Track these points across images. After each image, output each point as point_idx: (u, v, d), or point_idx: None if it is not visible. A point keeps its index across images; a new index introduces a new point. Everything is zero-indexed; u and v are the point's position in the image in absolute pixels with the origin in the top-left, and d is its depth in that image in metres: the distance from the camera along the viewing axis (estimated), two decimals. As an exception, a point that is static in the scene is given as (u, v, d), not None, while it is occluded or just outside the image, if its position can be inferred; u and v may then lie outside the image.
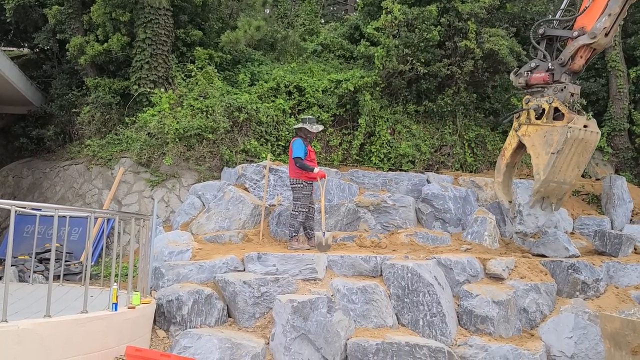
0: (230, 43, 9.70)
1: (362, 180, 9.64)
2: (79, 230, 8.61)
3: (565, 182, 8.00)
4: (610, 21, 7.61)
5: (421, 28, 10.27)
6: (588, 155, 7.99)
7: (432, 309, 6.64)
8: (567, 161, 7.80)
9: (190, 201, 8.82)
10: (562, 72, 7.97)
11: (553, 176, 7.85)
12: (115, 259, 6.01)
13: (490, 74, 10.85)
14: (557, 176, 7.88)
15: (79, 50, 10.29)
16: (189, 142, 9.33)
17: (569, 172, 7.92)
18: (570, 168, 7.89)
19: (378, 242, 8.18)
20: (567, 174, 7.92)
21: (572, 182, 8.10)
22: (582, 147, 7.80)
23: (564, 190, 8.17)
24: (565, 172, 7.88)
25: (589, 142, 7.82)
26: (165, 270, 6.77)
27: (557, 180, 7.91)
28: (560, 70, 7.96)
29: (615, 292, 7.88)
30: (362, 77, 10.34)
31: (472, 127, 11.21)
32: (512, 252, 8.53)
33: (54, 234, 4.85)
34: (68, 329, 4.52)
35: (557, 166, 7.76)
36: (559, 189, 8.08)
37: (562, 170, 7.85)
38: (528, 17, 12.63)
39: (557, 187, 8.03)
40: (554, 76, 7.95)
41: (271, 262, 6.91)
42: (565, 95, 7.86)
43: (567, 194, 8.29)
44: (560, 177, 7.91)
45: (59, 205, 8.83)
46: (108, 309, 5.10)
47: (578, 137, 7.68)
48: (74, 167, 10.28)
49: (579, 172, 8.13)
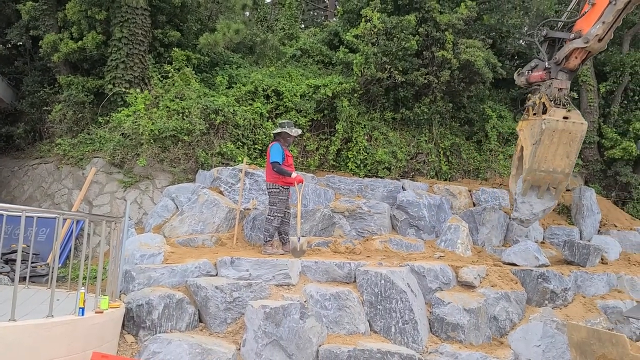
0: (209, 45, 9.62)
1: (338, 185, 9.66)
2: (46, 231, 8.40)
3: (556, 172, 8.37)
4: (604, 29, 7.96)
5: (400, 37, 10.38)
6: (576, 144, 8.29)
7: (404, 316, 6.67)
8: (552, 151, 8.23)
9: (164, 203, 8.70)
10: (557, 70, 8.41)
11: (538, 165, 8.32)
12: (84, 262, 5.88)
13: (466, 84, 11.01)
14: (542, 165, 8.32)
15: (53, 48, 10.09)
16: (163, 143, 9.21)
17: (558, 162, 8.30)
18: (557, 157, 8.28)
19: (352, 248, 8.19)
20: (555, 163, 8.31)
21: (565, 171, 8.41)
22: (566, 137, 8.18)
23: (558, 179, 8.49)
24: (552, 161, 8.29)
25: (572, 132, 8.17)
26: (135, 274, 6.65)
27: (544, 169, 8.34)
28: (556, 68, 8.41)
29: (582, 301, 8.04)
30: (341, 83, 10.38)
31: (447, 135, 11.34)
32: (483, 260, 8.63)
33: (21, 235, 4.72)
34: (33, 333, 4.39)
35: (540, 156, 8.24)
36: (551, 177, 8.44)
37: (547, 160, 8.29)
38: (504, 29, 12.88)
39: (547, 176, 8.42)
40: (550, 74, 8.45)
41: (244, 267, 6.85)
42: (553, 90, 8.36)
43: (562, 182, 8.55)
44: (548, 166, 8.33)
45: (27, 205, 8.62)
46: (75, 314, 4.97)
47: (557, 128, 8.12)
48: (44, 166, 10.05)
49: (570, 162, 8.39)
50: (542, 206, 8.76)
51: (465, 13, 10.71)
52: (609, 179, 12.03)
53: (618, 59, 11.78)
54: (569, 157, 8.36)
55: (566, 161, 8.37)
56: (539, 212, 8.82)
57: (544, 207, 8.79)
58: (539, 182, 8.55)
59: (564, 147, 8.26)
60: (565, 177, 8.55)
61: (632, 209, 11.99)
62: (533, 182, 8.55)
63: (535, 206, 8.76)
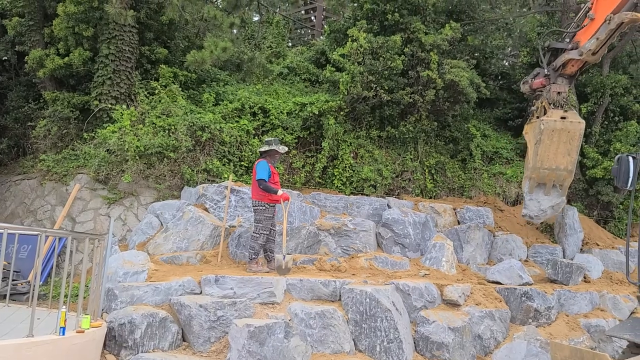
0: (196, 62, 9.65)
1: (323, 203, 9.68)
2: (28, 248, 8.29)
3: (559, 169, 8.87)
4: (597, 45, 8.41)
5: (385, 57, 10.51)
6: (576, 142, 8.78)
7: (389, 335, 6.66)
8: (553, 150, 8.76)
9: (148, 220, 8.64)
10: (556, 76, 9.00)
11: (541, 164, 8.85)
12: (66, 280, 5.80)
13: (450, 103, 11.15)
14: (545, 163, 8.85)
15: (39, 63, 10.05)
16: (149, 160, 9.17)
17: (560, 159, 8.80)
18: (559, 155, 8.78)
19: (338, 265, 8.18)
20: (557, 161, 8.81)
21: (568, 167, 8.89)
22: (565, 136, 8.71)
23: (562, 176, 8.97)
24: (554, 159, 8.80)
25: (571, 131, 8.71)
26: (118, 292, 6.57)
27: (547, 167, 8.86)
28: (555, 74, 9.01)
29: (565, 320, 8.10)
30: (327, 101, 10.47)
31: (432, 154, 11.46)
32: (468, 278, 8.68)
33: (2, 252, 4.65)
34: (13, 353, 4.31)
35: (542, 155, 8.80)
36: (555, 175, 8.94)
37: (550, 158, 8.81)
38: (488, 50, 13.13)
39: (551, 174, 8.93)
40: (550, 80, 9.05)
41: (229, 285, 6.80)
42: (552, 94, 8.96)
43: (566, 179, 9.02)
44: (551, 164, 8.84)
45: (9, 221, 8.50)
46: (55, 333, 4.90)
47: (555, 128, 8.70)
48: (27, 182, 9.95)
49: (571, 159, 8.86)
50: (550, 202, 9.18)
51: (450, 34, 10.90)
52: (590, 198, 12.19)
53: (599, 80, 12.03)
54: (570, 155, 8.82)
55: (568, 158, 8.83)
56: (546, 208, 9.23)
57: (551, 204, 9.20)
58: (544, 179, 9.02)
59: (564, 145, 8.74)
60: (569, 174, 8.99)
61: (614, 227, 12.15)
62: (538, 179, 9.03)
63: (543, 203, 9.20)
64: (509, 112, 13.41)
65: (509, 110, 13.44)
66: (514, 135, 13.06)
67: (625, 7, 7.98)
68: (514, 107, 13.39)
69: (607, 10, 8.16)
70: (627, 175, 5.46)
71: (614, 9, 8.05)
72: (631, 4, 7.96)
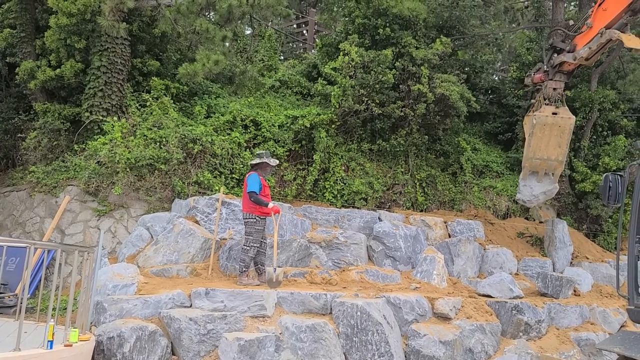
0: (188, 75, 9.66)
1: (315, 216, 9.67)
2: (16, 260, 8.19)
3: (550, 159, 9.49)
4: (589, 53, 8.81)
5: (377, 70, 10.60)
6: (566, 136, 9.38)
7: (380, 349, 6.64)
8: (545, 142, 9.34)
9: (138, 232, 8.58)
10: (554, 72, 9.45)
11: (533, 154, 9.47)
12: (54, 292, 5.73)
13: (441, 117, 11.24)
14: (537, 154, 9.46)
15: (30, 75, 10.01)
16: (140, 172, 9.14)
17: (551, 150, 9.41)
18: (550, 147, 9.38)
19: (329, 278, 8.16)
20: (549, 152, 9.42)
21: (559, 158, 9.49)
22: (556, 130, 9.31)
23: (553, 166, 9.59)
24: (545, 150, 9.41)
25: (561, 125, 9.31)
26: (107, 305, 6.51)
27: (539, 157, 9.48)
28: (553, 71, 9.45)
29: (556, 333, 8.11)
30: (319, 114, 10.51)
31: (423, 167, 11.51)
32: (459, 291, 8.68)
33: (-11, 265, 4.60)
34: (-3, 367, 4.25)
35: (534, 146, 9.41)
36: (546, 164, 9.56)
37: (541, 149, 9.42)
38: (478, 65, 13.27)
39: (542, 163, 9.54)
40: (548, 75, 9.52)
41: (219, 298, 6.76)
42: (548, 90, 9.46)
43: (557, 168, 9.66)
44: (543, 155, 9.46)
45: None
46: (43, 347, 4.83)
47: (547, 122, 9.28)
48: (16, 194, 9.86)
49: (562, 150, 9.45)
50: (542, 189, 9.76)
51: (441, 49, 11.02)
52: (580, 211, 12.29)
53: (587, 95, 12.19)
54: (561, 147, 9.41)
55: (558, 150, 9.43)
56: (538, 194, 9.81)
57: (543, 190, 9.77)
58: (536, 168, 9.62)
59: (555, 139, 9.33)
60: (560, 164, 9.62)
61: (603, 241, 12.24)
62: (531, 168, 9.66)
63: (535, 189, 9.79)
64: (499, 126, 13.54)
65: (499, 124, 13.57)
66: (504, 149, 13.17)
67: (616, 25, 8.27)
68: (503, 121, 13.52)
69: (602, 23, 8.45)
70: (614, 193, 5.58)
71: (607, 23, 8.34)
72: (621, 23, 8.23)
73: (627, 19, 8.19)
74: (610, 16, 8.32)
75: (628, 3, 7.95)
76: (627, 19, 8.20)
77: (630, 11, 8.09)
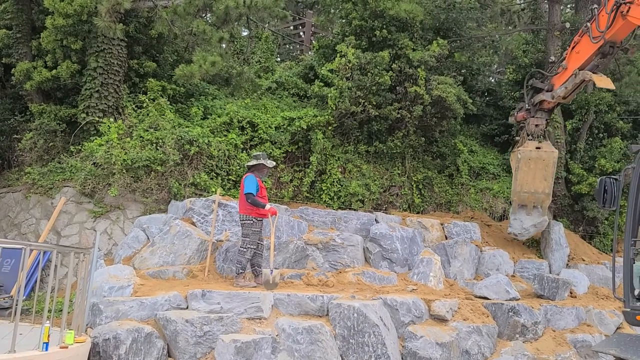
0: (185, 77, 9.64)
1: (311, 217, 9.66)
2: (11, 262, 8.14)
3: (537, 192, 9.85)
4: (566, 93, 9.33)
5: (373, 72, 10.61)
6: (551, 169, 9.83)
7: (377, 351, 6.63)
8: (531, 175, 9.77)
9: (135, 234, 8.56)
10: (535, 110, 10.00)
11: (521, 188, 9.87)
12: (50, 294, 5.71)
13: (438, 119, 11.25)
14: (525, 187, 9.85)
15: (26, 76, 9.98)
16: (136, 173, 9.12)
17: (538, 183, 9.80)
18: (537, 180, 9.79)
19: (325, 280, 8.16)
20: (535, 185, 9.80)
21: (546, 191, 9.86)
22: (540, 163, 9.76)
23: (540, 199, 9.94)
24: (532, 183, 9.80)
25: (545, 159, 9.77)
26: (103, 307, 6.49)
27: (527, 190, 9.86)
28: (534, 109, 10.01)
29: (552, 335, 8.12)
30: (315, 116, 10.51)
31: (420, 169, 11.52)
32: (456, 293, 8.69)
33: (-16, 267, 4.58)
34: (-8, 369, 4.23)
35: (521, 180, 9.84)
36: (534, 197, 9.91)
37: (528, 183, 9.82)
38: (474, 67, 13.30)
39: (530, 196, 9.90)
40: (530, 113, 10.06)
41: (216, 299, 6.74)
42: (530, 126, 10.01)
43: (545, 201, 9.99)
44: (530, 188, 9.84)
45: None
46: (38, 349, 4.81)
47: (531, 157, 9.75)
48: (11, 195, 9.82)
49: (548, 183, 9.84)
50: (532, 221, 10.10)
51: (437, 51, 11.04)
52: (576, 213, 12.31)
53: (583, 97, 12.23)
54: (547, 180, 9.81)
55: (545, 183, 9.82)
56: (529, 227, 10.15)
57: (533, 222, 10.11)
58: (525, 201, 9.97)
59: (540, 172, 9.74)
60: (547, 197, 9.94)
61: (599, 243, 12.27)
62: (519, 201, 10.03)
63: (525, 222, 10.13)
64: (496, 128, 13.57)
65: (495, 126, 13.60)
66: (500, 151, 13.20)
67: (588, 67, 8.89)
68: (500, 123, 13.55)
69: (575, 65, 9.07)
70: (610, 196, 5.64)
71: (580, 65, 8.94)
72: (593, 65, 8.85)
73: (597, 61, 8.77)
74: (582, 58, 8.93)
75: (598, 47, 8.51)
76: (597, 61, 8.79)
77: (601, 54, 8.66)
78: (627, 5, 7.69)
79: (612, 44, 8.47)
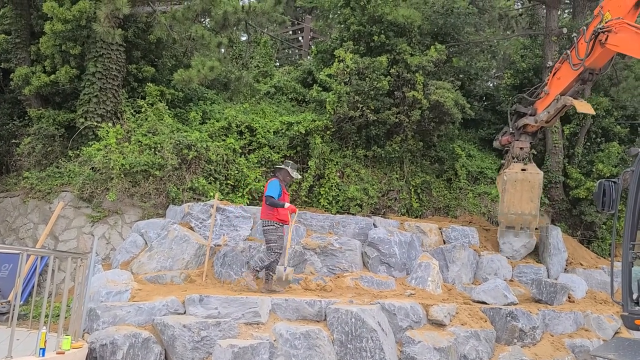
0: (183, 81, 9.67)
1: (309, 222, 9.66)
2: (8, 266, 8.14)
3: (524, 214, 10.04)
4: (548, 117, 9.57)
5: (372, 77, 10.63)
6: (537, 190, 10.02)
7: (374, 356, 6.62)
8: (518, 197, 9.95)
9: (133, 239, 8.55)
10: (520, 133, 10.33)
11: (507, 209, 10.06)
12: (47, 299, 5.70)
13: (436, 123, 11.27)
14: (512, 209, 10.04)
15: (24, 81, 9.99)
16: (134, 178, 9.12)
17: (524, 205, 9.98)
18: (523, 202, 9.97)
19: (324, 285, 8.15)
20: (522, 207, 9.99)
21: (532, 212, 10.03)
22: (526, 185, 9.94)
23: (527, 220, 10.12)
24: (519, 205, 9.98)
25: (531, 180, 9.97)
26: (100, 312, 6.47)
27: (514, 212, 10.05)
28: (518, 132, 10.33)
29: (550, 340, 8.12)
30: (314, 120, 10.53)
31: (418, 173, 11.53)
32: (454, 298, 8.68)
33: (-19, 272, 4.58)
34: (-12, 375, 4.22)
35: (507, 202, 10.02)
36: (521, 219, 10.10)
37: (515, 204, 10.00)
38: (472, 72, 13.34)
39: (517, 218, 10.11)
40: (514, 137, 10.37)
41: (213, 304, 6.74)
42: (515, 149, 10.32)
43: (532, 222, 10.16)
44: (517, 210, 10.03)
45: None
46: (35, 354, 4.80)
47: (517, 179, 9.95)
48: (9, 200, 9.82)
49: (534, 205, 10.01)
50: (521, 242, 10.37)
51: (435, 56, 11.06)
52: (574, 218, 12.32)
53: (581, 102, 12.25)
54: (533, 201, 9.98)
55: (531, 205, 9.99)
56: (519, 248, 10.42)
57: (523, 243, 10.38)
58: (512, 223, 10.16)
59: (527, 193, 9.94)
60: (534, 218, 10.09)
61: (597, 247, 12.28)
62: (507, 223, 10.19)
63: (515, 244, 10.40)
64: (494, 133, 13.56)
65: (493, 130, 13.62)
66: (498, 156, 13.20)
67: (569, 92, 9.17)
68: (498, 128, 13.53)
69: (557, 90, 9.36)
70: (608, 200, 5.67)
71: (561, 90, 9.24)
72: (574, 91, 9.15)
73: (578, 87, 9.04)
74: (563, 84, 9.20)
75: (578, 74, 8.80)
76: (578, 87, 9.05)
77: (581, 80, 8.94)
78: (605, 33, 7.93)
79: (592, 70, 8.76)
